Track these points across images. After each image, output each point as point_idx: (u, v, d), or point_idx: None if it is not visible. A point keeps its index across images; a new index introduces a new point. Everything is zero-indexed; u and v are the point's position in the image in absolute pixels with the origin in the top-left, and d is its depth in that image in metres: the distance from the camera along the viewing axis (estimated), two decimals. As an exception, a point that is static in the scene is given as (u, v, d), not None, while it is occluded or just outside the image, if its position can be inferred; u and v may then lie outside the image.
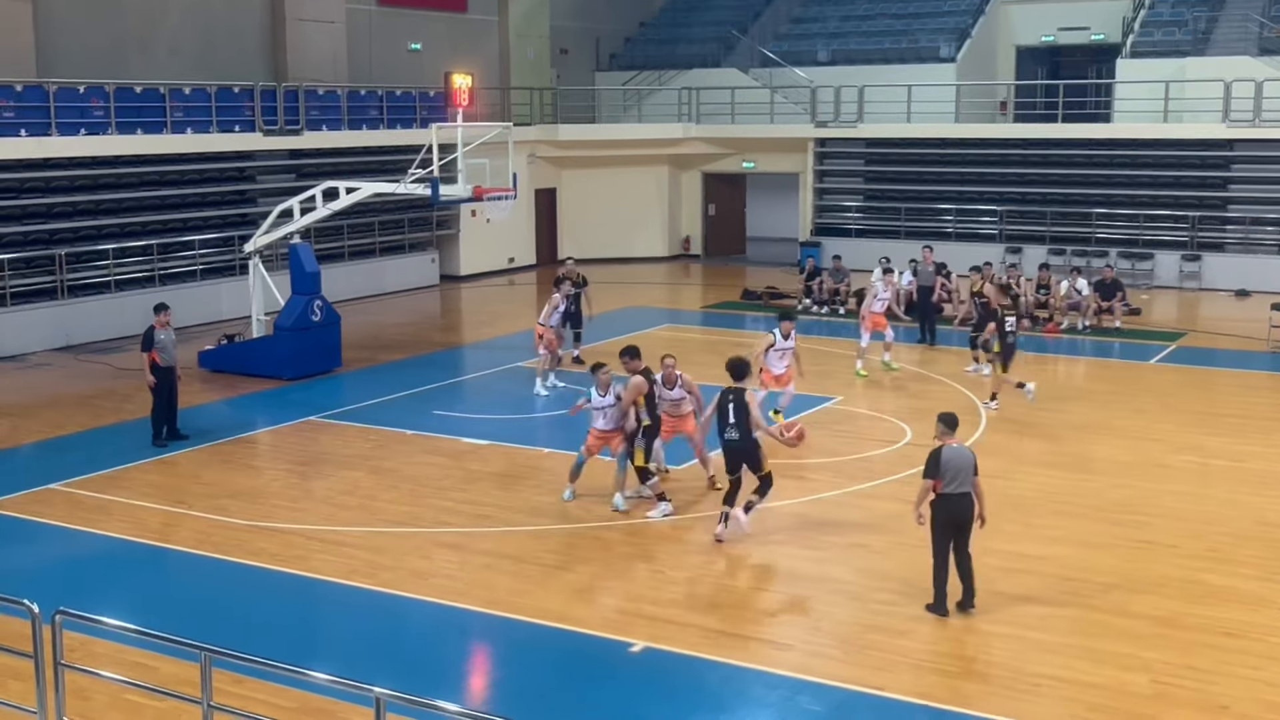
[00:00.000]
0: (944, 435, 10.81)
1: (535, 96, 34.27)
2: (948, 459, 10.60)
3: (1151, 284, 29.53)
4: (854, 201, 33.87)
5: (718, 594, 11.38)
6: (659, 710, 9.29)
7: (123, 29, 26.32)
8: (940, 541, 10.70)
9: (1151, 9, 33.58)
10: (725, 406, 12.30)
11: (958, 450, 10.69)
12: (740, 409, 12.19)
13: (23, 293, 22.62)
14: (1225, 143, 29.77)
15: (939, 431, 10.88)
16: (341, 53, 30.46)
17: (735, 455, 12.36)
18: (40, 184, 23.33)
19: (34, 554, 12.59)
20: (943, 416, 10.98)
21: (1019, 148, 32.25)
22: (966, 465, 10.62)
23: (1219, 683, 9.54)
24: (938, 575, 10.72)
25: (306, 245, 20.90)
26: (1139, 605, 10.99)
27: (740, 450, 12.31)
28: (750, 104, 34.20)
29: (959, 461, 10.61)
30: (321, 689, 8.90)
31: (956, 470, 10.57)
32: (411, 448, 16.18)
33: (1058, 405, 18.11)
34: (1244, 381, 20.25)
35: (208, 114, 25.45)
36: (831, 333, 24.36)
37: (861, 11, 37.89)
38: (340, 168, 28.13)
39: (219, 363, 20.58)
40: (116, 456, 15.67)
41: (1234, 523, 13.15)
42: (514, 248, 33.29)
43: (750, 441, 12.29)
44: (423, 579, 11.73)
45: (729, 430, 12.26)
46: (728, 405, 12.27)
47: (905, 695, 9.41)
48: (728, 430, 12.27)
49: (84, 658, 9.49)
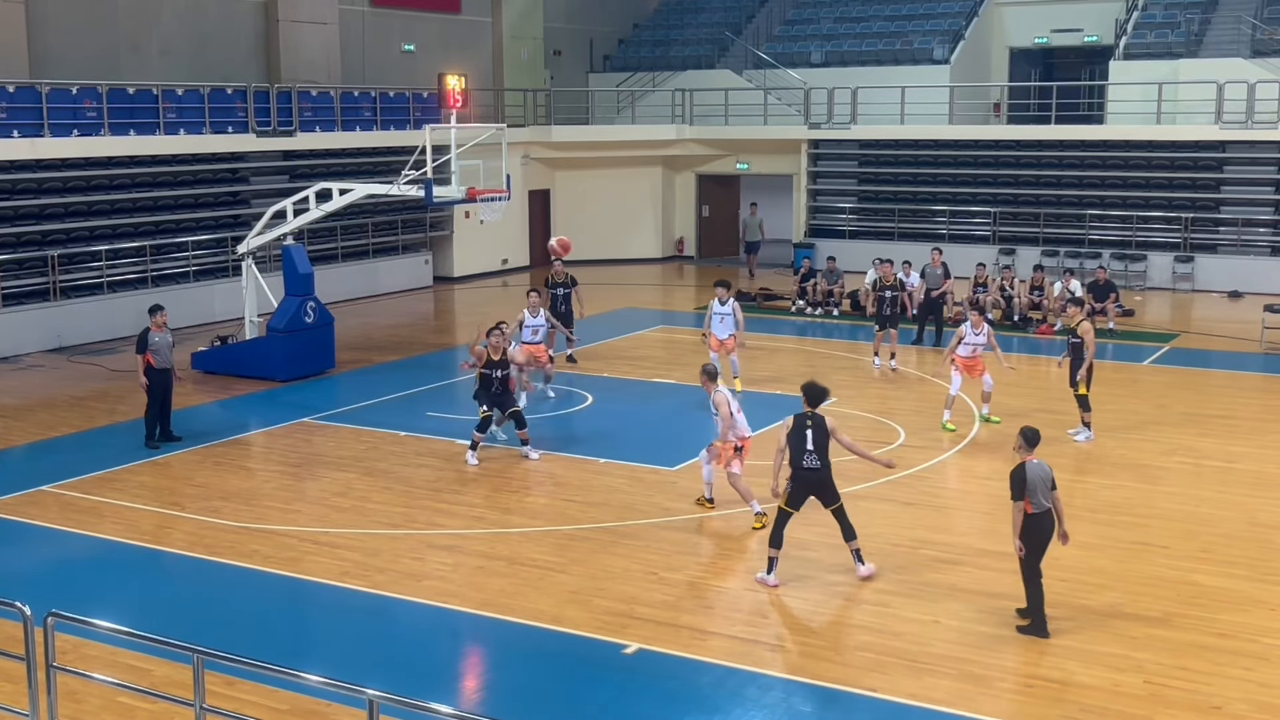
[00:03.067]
0: (1023, 451, 10.44)
1: (529, 98, 34.26)
2: (1033, 476, 10.31)
3: (1144, 285, 29.59)
4: (848, 203, 33.91)
5: (711, 595, 11.38)
6: (653, 712, 9.29)
7: (115, 30, 26.29)
8: (1033, 562, 10.38)
9: (1144, 11, 33.65)
10: (803, 432, 11.41)
11: (1039, 466, 10.41)
12: (820, 434, 11.42)
13: (15, 294, 22.58)
14: (1218, 144, 29.83)
15: (1018, 445, 10.50)
16: (335, 54, 30.44)
17: (812, 485, 11.48)
18: (33, 185, 23.28)
19: (26, 556, 12.56)
20: (1024, 432, 10.56)
21: (1012, 149, 32.30)
22: (1047, 480, 10.38)
23: (1212, 683, 9.56)
24: (1034, 596, 10.39)
25: (300, 247, 20.88)
26: (1131, 606, 11.01)
27: (819, 480, 11.48)
28: (744, 106, 34.22)
29: (1041, 477, 10.34)
30: (314, 691, 8.89)
31: (1040, 487, 10.30)
32: (405, 449, 16.16)
33: (1051, 406, 18.12)
34: (1236, 383, 20.29)
35: (200, 115, 25.43)
36: (825, 334, 24.39)
37: (855, 13, 37.93)
38: (333, 169, 28.14)
39: (212, 364, 20.56)
40: (109, 458, 15.64)
41: (1226, 524, 13.18)
42: (508, 249, 33.28)
43: (829, 470, 11.55)
44: (416, 580, 11.71)
45: (808, 458, 11.39)
46: (805, 431, 11.41)
47: (898, 696, 9.42)
48: (807, 458, 11.39)
49: (76, 660, 9.47)
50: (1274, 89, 28.64)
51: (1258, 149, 29.42)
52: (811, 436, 11.39)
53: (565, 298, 20.65)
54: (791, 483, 11.44)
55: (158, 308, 16.42)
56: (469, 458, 15.41)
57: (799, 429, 11.45)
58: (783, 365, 21.40)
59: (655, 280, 32.30)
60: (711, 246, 36.09)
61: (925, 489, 14.52)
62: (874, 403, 18.48)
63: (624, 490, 14.38)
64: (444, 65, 26.84)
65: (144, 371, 16.00)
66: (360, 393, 19.20)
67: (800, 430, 11.44)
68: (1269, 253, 29.33)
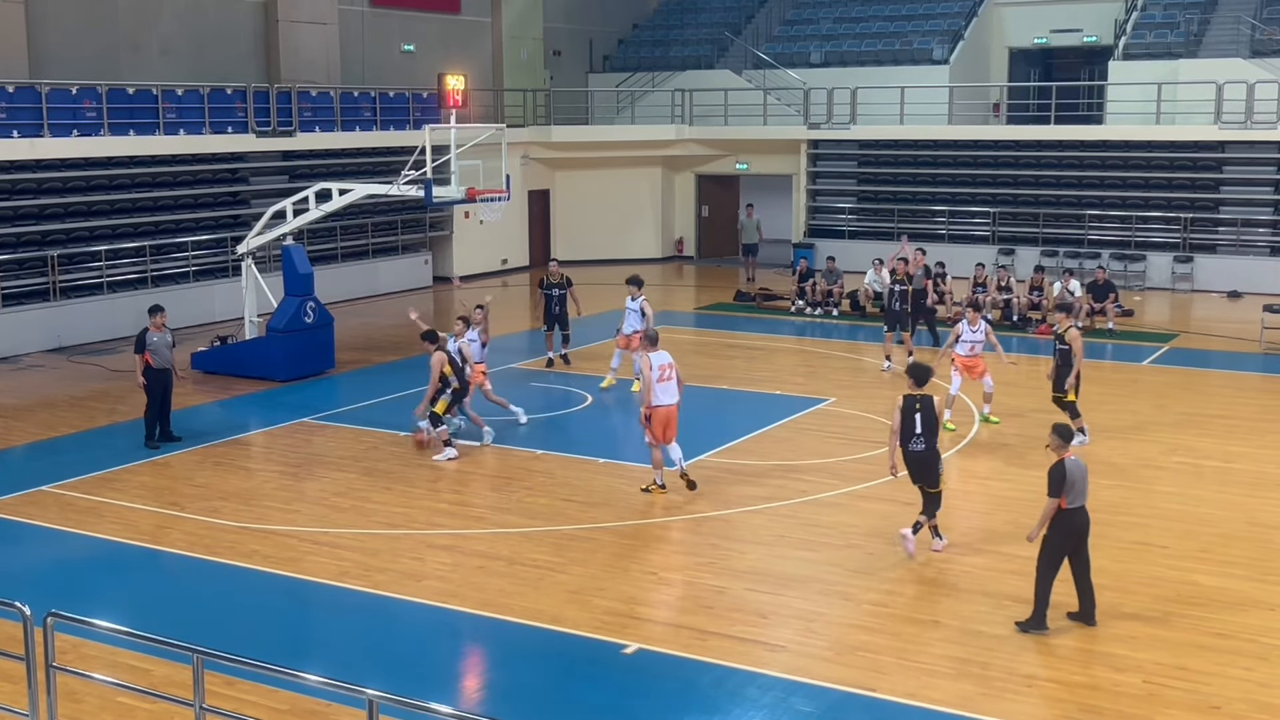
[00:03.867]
0: (1059, 448, 10.40)
1: (528, 98, 34.27)
2: (1072, 473, 10.27)
3: (1144, 285, 29.59)
4: (847, 203, 33.91)
5: (710, 595, 11.38)
6: (652, 712, 9.29)
7: (115, 30, 26.28)
8: (1053, 557, 10.35)
9: (1144, 11, 33.66)
10: (912, 415, 11.71)
11: (1077, 463, 10.36)
12: (929, 415, 11.69)
13: (15, 294, 22.58)
14: (1217, 144, 29.84)
15: (1053, 444, 10.46)
16: (334, 54, 30.44)
17: (919, 465, 11.87)
18: (32, 185, 23.28)
19: (26, 556, 12.57)
20: (1057, 428, 10.55)
21: (1012, 149, 32.31)
22: (1085, 476, 10.35)
23: (1211, 683, 9.57)
24: (1042, 592, 10.36)
25: (299, 247, 20.89)
26: (1131, 606, 11.01)
27: (924, 461, 11.81)
28: (743, 106, 34.22)
29: (1080, 474, 10.31)
30: (314, 691, 8.90)
31: (1079, 483, 10.28)
32: (405, 449, 16.17)
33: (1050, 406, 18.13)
34: (1236, 383, 20.30)
35: (200, 115, 25.43)
36: (824, 334, 24.40)
37: (854, 14, 37.93)
38: (333, 169, 28.14)
39: (212, 364, 20.56)
40: (108, 458, 15.64)
41: (1225, 523, 13.18)
42: (507, 249, 33.29)
43: (935, 452, 11.84)
44: (416, 580, 11.72)
45: (915, 441, 11.74)
46: (915, 414, 11.70)
47: (898, 696, 9.42)
48: (914, 441, 11.74)
49: (76, 660, 9.47)
50: (1273, 89, 28.65)
51: (1257, 149, 29.43)
52: (920, 419, 11.67)
53: (560, 299, 20.65)
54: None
55: (158, 308, 16.42)
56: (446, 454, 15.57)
57: (909, 411, 11.70)
58: (781, 365, 21.42)
59: (655, 280, 32.23)
60: (711, 246, 36.09)
61: (925, 489, 14.50)
62: (873, 402, 18.48)
63: (623, 490, 14.38)
64: (444, 65, 26.83)
65: (142, 371, 16.01)
66: (360, 393, 19.20)
67: (910, 413, 11.69)
68: (1268, 253, 29.34)
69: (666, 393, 13.78)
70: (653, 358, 13.79)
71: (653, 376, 13.62)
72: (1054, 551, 10.39)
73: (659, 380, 13.70)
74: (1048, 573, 10.40)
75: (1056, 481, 10.24)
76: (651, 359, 13.75)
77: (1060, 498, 10.24)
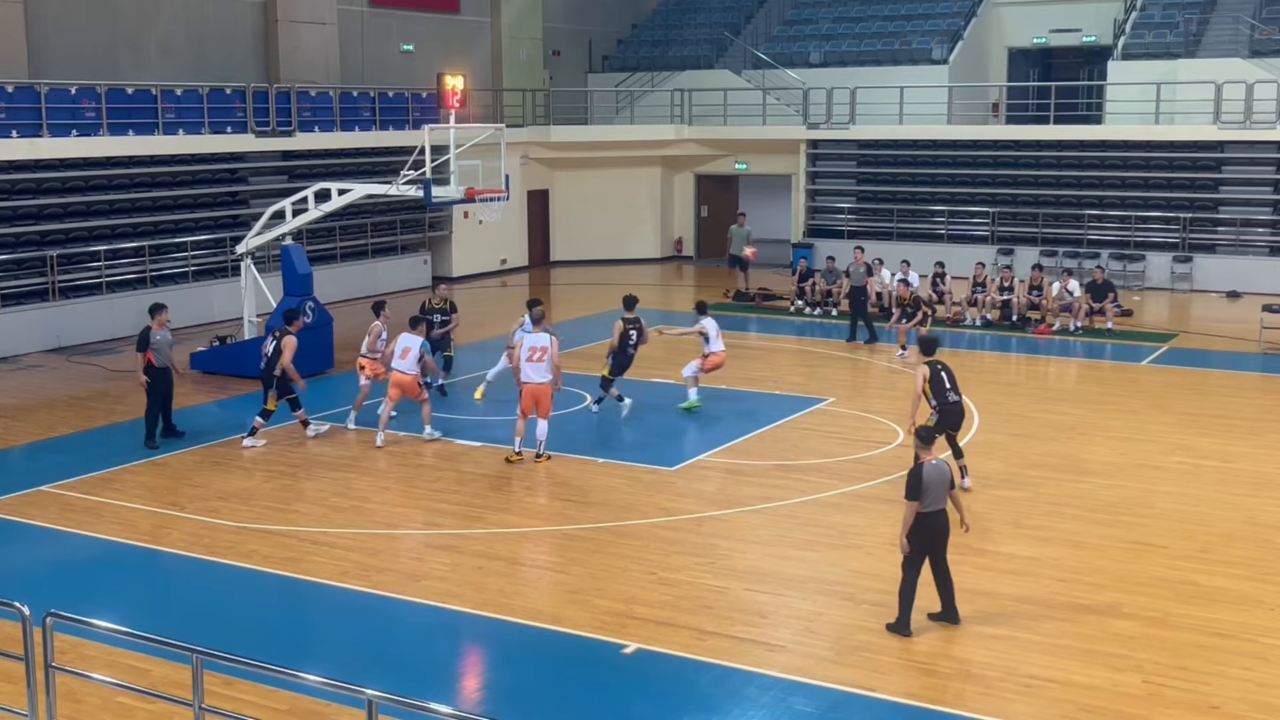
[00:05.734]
0: (923, 451, 10.45)
1: (528, 98, 34.26)
2: (929, 477, 10.27)
3: (1143, 285, 29.59)
4: (846, 203, 33.90)
5: (710, 595, 11.38)
6: (652, 712, 9.29)
7: (114, 30, 26.28)
8: (912, 559, 10.37)
9: (1143, 11, 33.66)
10: (940, 375, 13.91)
11: (937, 466, 10.36)
12: (951, 374, 14.05)
13: (14, 294, 22.57)
14: (1216, 144, 29.84)
15: (917, 446, 10.52)
16: (333, 54, 30.43)
17: (953, 416, 13.99)
18: (31, 185, 23.28)
19: (25, 556, 12.56)
20: (919, 432, 10.64)
21: (1011, 149, 32.30)
22: (945, 481, 10.32)
23: (1210, 683, 9.57)
24: (905, 594, 10.40)
25: (299, 247, 20.87)
26: (1130, 606, 11.01)
27: (959, 411, 14.10)
28: (742, 106, 34.22)
29: (938, 478, 10.28)
30: (313, 691, 8.89)
31: (936, 488, 10.26)
32: (404, 449, 16.16)
33: (1049, 406, 18.15)
34: (1235, 383, 20.29)
35: (199, 115, 25.42)
36: (824, 334, 24.39)
37: (854, 14, 37.94)
38: (332, 169, 28.13)
39: (211, 364, 20.55)
40: (108, 458, 15.64)
41: (1225, 523, 13.18)
42: (506, 249, 33.28)
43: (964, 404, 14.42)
44: (415, 580, 11.72)
45: (950, 394, 13.89)
46: (942, 374, 13.92)
47: (897, 696, 9.42)
48: (949, 394, 13.88)
49: (75, 660, 9.47)
50: (1272, 89, 28.65)
51: (1256, 149, 29.43)
52: (947, 377, 13.95)
53: (443, 323, 19.25)
54: (937, 415, 13.77)
55: (160, 306, 16.43)
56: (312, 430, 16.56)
57: (936, 373, 13.92)
58: (781, 365, 21.42)
59: (654, 280, 32.29)
60: (710, 247, 36.05)
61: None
62: (872, 402, 18.49)
63: (622, 490, 14.38)
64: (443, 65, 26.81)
65: (144, 370, 16.01)
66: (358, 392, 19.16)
67: (938, 374, 13.93)
68: (1267, 253, 29.34)
69: (537, 372, 15.16)
70: (530, 338, 15.34)
71: (523, 355, 15.25)
72: (913, 554, 10.37)
73: (528, 360, 15.20)
74: (908, 574, 10.40)
75: (913, 485, 10.25)
76: (528, 340, 15.34)
77: (917, 501, 10.23)
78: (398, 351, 16.33)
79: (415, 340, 16.39)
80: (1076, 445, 16.18)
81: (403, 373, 16.19)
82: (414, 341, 16.35)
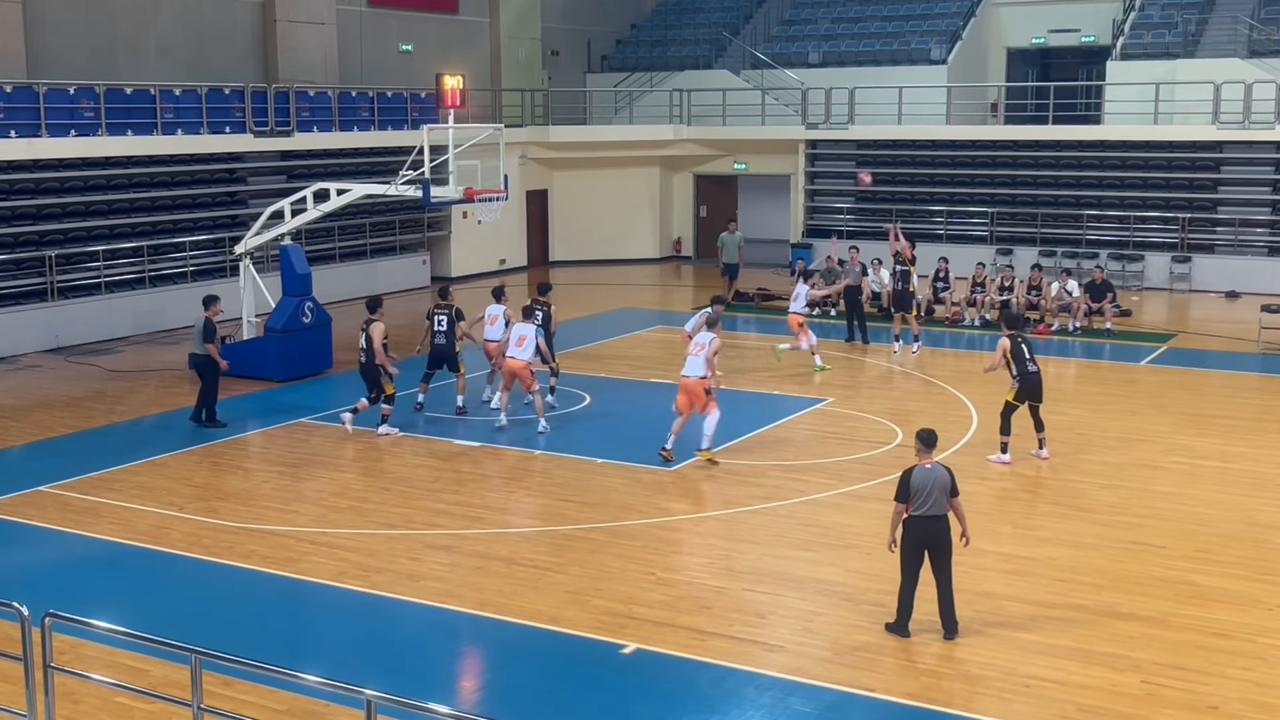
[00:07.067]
0: (921, 453, 10.36)
1: (526, 98, 34.26)
2: (918, 480, 10.17)
3: (1142, 285, 29.60)
4: (845, 203, 33.91)
5: (709, 595, 11.38)
6: (650, 712, 9.29)
7: (113, 30, 26.26)
8: (907, 563, 10.29)
9: (1141, 11, 33.67)
10: (1021, 347, 15.30)
11: (930, 470, 10.23)
12: (1030, 348, 15.48)
13: (12, 294, 22.56)
14: (1215, 144, 29.85)
15: (916, 449, 10.45)
16: (332, 54, 30.43)
17: (1034, 386, 15.31)
18: (30, 185, 23.26)
19: (23, 556, 12.56)
20: (921, 434, 10.52)
21: (1010, 149, 32.31)
22: (940, 485, 10.17)
23: (1209, 683, 9.57)
24: (903, 595, 10.35)
25: (297, 247, 20.87)
26: (1129, 606, 11.01)
27: (1039, 382, 15.37)
28: (741, 106, 34.22)
29: (930, 482, 10.17)
30: (312, 691, 8.89)
31: (928, 491, 10.15)
32: (402, 450, 16.17)
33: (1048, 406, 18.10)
34: (1234, 383, 20.30)
35: (198, 115, 25.41)
36: (823, 334, 24.37)
37: (852, 14, 37.94)
38: (331, 169, 28.13)
39: (210, 364, 20.52)
40: (106, 458, 15.63)
41: (1223, 524, 13.19)
42: (505, 249, 33.28)
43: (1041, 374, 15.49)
44: (414, 581, 11.72)
45: (1030, 364, 15.27)
46: (1022, 346, 15.33)
47: (896, 697, 9.42)
48: (1030, 364, 15.26)
49: (74, 660, 9.47)
50: (1271, 89, 28.67)
51: (1255, 149, 29.44)
52: (1027, 349, 15.38)
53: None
54: (1018, 385, 15.23)
55: (214, 298, 17.50)
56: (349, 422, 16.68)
57: (1017, 345, 15.30)
58: (780, 365, 21.39)
59: (653, 280, 32.30)
60: (709, 247, 35.95)
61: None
62: (872, 402, 18.49)
63: (622, 490, 14.38)
64: (441, 65, 26.85)
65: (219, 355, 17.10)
66: (358, 393, 19.06)
67: (1019, 346, 15.28)
68: (1266, 253, 29.35)
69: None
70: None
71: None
72: (906, 557, 10.30)
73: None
74: (905, 579, 10.34)
75: (901, 487, 10.22)
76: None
77: (905, 504, 10.18)
78: (513, 339, 16.69)
79: (529, 329, 16.74)
80: (1075, 445, 16.18)
81: (514, 358, 16.57)
82: (529, 330, 16.72)
